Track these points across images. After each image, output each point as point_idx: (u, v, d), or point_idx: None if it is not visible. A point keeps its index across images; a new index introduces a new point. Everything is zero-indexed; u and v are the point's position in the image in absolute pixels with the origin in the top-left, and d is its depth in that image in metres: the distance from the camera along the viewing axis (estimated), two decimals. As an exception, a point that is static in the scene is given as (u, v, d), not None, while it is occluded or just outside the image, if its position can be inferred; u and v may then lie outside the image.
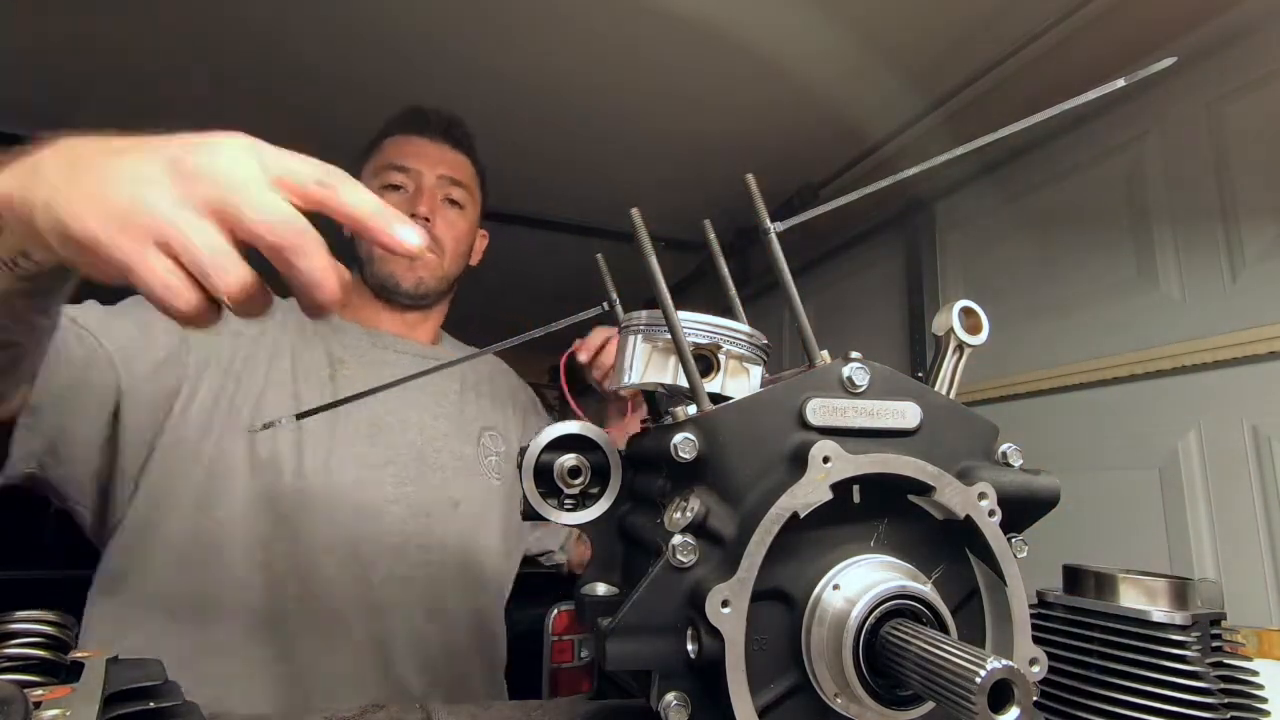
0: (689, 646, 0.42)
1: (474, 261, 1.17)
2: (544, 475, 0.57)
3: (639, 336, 0.57)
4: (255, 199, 0.42)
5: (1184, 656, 0.52)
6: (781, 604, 0.45)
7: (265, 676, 0.84)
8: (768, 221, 0.53)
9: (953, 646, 0.37)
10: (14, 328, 0.59)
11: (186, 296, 0.42)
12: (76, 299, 0.73)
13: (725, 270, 0.63)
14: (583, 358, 0.96)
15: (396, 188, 1.04)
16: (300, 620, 0.86)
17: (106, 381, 0.81)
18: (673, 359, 0.56)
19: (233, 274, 0.43)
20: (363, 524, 0.91)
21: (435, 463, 1.00)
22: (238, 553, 0.85)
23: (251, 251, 0.44)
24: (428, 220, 1.04)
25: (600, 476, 0.58)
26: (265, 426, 0.82)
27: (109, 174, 0.42)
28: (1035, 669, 0.45)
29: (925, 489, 0.45)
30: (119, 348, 0.81)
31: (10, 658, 0.50)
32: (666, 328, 0.51)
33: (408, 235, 0.46)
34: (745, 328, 0.56)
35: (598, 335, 0.99)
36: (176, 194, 0.41)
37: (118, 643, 0.66)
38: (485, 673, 1.04)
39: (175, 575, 0.84)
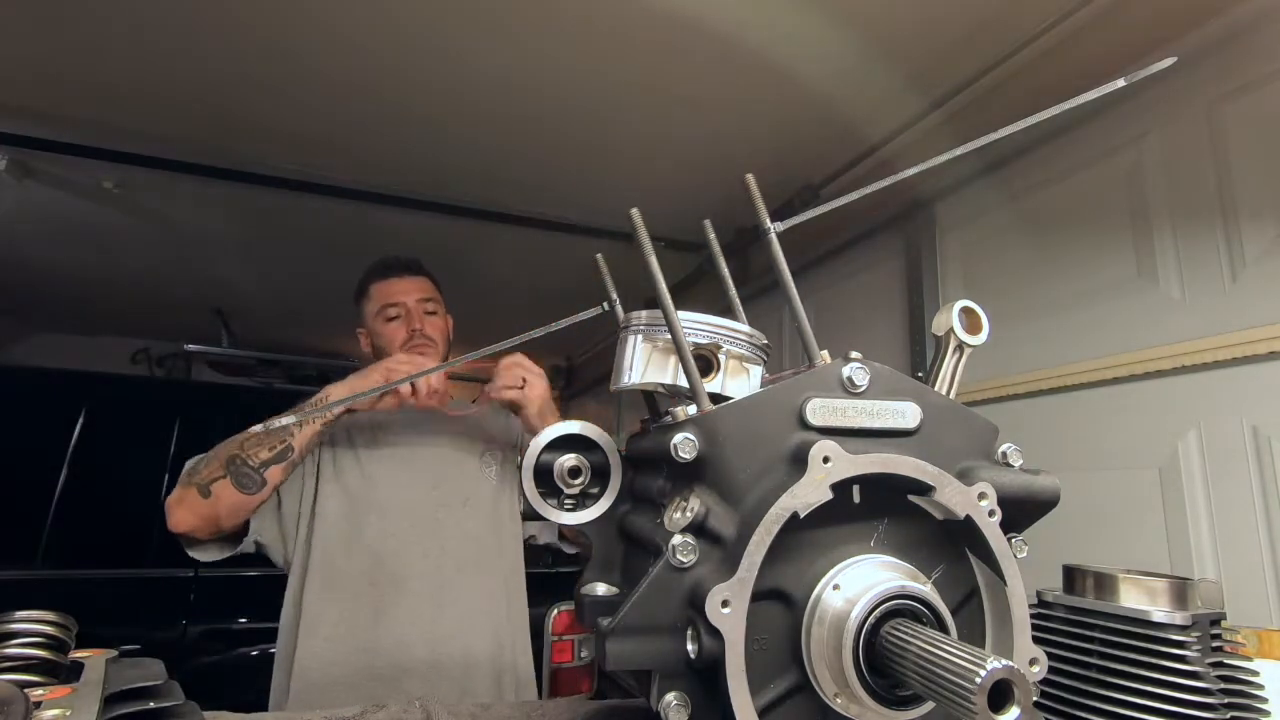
0: (689, 646, 0.42)
1: (450, 337, 1.63)
2: (544, 475, 0.57)
3: (639, 336, 0.57)
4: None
5: (1184, 656, 0.52)
6: (781, 604, 0.45)
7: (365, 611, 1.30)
8: (768, 221, 0.54)
9: (952, 646, 0.37)
10: (299, 451, 1.25)
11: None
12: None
13: (725, 270, 0.63)
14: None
15: (395, 317, 1.51)
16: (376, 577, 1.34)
17: (310, 470, 1.36)
18: (673, 359, 0.56)
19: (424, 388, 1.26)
20: (410, 516, 1.38)
21: (452, 474, 1.44)
22: (349, 543, 1.35)
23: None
24: (420, 328, 1.51)
25: (600, 476, 0.58)
26: (264, 428, 0.84)
27: (375, 373, 1.25)
28: (1035, 669, 0.45)
29: (925, 489, 0.45)
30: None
31: (10, 658, 0.50)
32: (666, 328, 0.51)
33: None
34: (745, 328, 0.56)
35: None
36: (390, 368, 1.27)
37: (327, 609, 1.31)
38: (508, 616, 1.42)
39: (332, 561, 1.35)
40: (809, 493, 0.43)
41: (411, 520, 1.37)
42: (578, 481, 0.57)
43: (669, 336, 0.51)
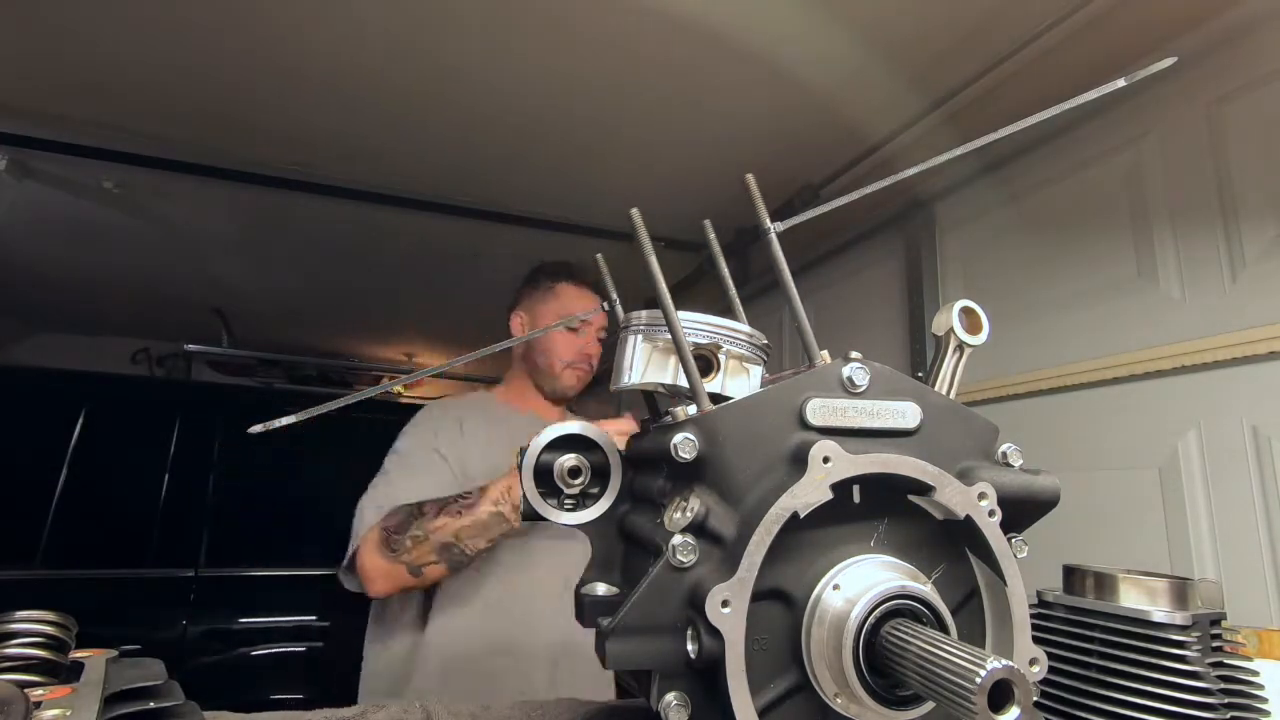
0: (689, 646, 0.42)
1: None
2: (544, 475, 0.57)
3: (639, 336, 0.57)
4: None
5: (1184, 656, 0.52)
6: (781, 604, 0.45)
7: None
8: (768, 221, 0.54)
9: (952, 646, 0.37)
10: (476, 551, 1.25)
11: None
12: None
13: (725, 270, 0.63)
14: None
15: (574, 330, 1.50)
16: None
17: None
18: (673, 359, 0.56)
19: None
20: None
21: None
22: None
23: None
24: (590, 354, 1.51)
25: (600, 476, 0.58)
26: (262, 429, 0.84)
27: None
28: (1035, 669, 0.45)
29: (925, 489, 0.45)
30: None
31: (10, 658, 0.50)
32: (666, 328, 0.51)
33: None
34: (745, 328, 0.56)
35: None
36: None
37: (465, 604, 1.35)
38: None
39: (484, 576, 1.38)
40: (809, 493, 0.43)
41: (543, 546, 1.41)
42: (578, 481, 0.57)
43: (669, 336, 0.51)
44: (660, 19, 1.80)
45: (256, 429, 0.81)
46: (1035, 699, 0.51)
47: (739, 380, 0.55)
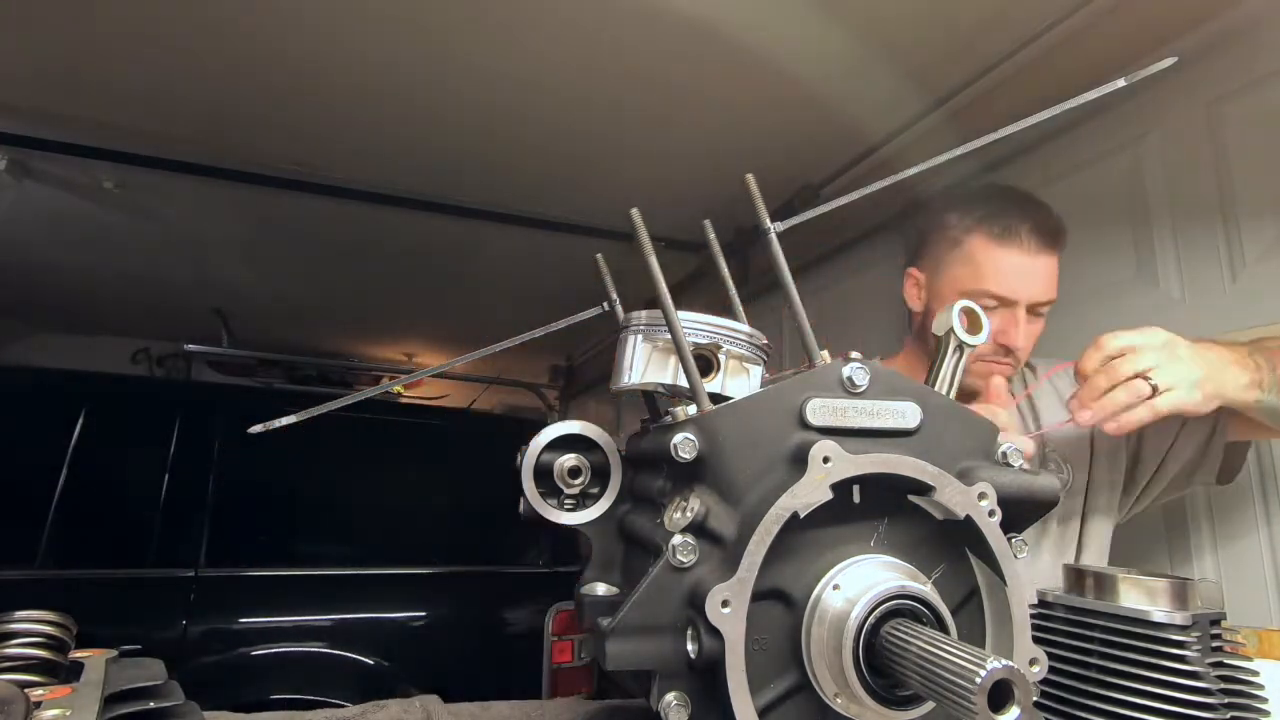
0: (689, 646, 0.42)
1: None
2: (544, 475, 0.57)
3: (639, 336, 0.57)
4: None
5: (1184, 656, 0.52)
6: (781, 604, 0.45)
7: None
8: (768, 221, 0.54)
9: (952, 646, 0.37)
10: None
11: None
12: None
13: (725, 270, 0.63)
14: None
15: (990, 309, 1.02)
16: None
17: None
18: (673, 359, 0.56)
19: None
20: None
21: None
22: None
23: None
24: (1014, 345, 1.05)
25: (600, 476, 0.58)
26: (262, 429, 0.83)
27: None
28: (1035, 669, 0.45)
29: (925, 489, 0.45)
30: None
31: (10, 658, 0.50)
32: (666, 328, 0.51)
33: None
34: (745, 328, 0.56)
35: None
36: None
37: None
38: None
39: None
40: (809, 493, 0.43)
41: None
42: (578, 481, 0.57)
43: (669, 336, 0.51)
44: (661, 20, 1.80)
45: (256, 429, 0.81)
46: (1035, 699, 0.51)
47: (739, 380, 0.55)
